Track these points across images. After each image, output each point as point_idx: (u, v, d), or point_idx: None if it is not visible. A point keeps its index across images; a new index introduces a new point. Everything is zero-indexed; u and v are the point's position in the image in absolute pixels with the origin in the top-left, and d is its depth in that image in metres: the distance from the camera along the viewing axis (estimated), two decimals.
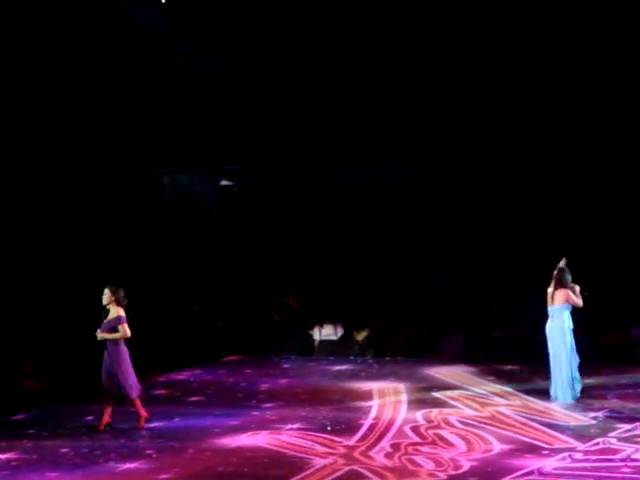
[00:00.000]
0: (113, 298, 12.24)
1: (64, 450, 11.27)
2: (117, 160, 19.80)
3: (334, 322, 20.64)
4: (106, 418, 12.31)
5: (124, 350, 12.33)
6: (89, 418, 12.96)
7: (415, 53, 18.21)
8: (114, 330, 12.19)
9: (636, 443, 11.01)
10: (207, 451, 11.21)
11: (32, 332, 17.38)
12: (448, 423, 12.36)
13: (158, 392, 15.62)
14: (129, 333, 12.26)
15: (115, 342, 12.19)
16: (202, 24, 17.64)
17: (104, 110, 18.51)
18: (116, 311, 12.23)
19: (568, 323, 13.48)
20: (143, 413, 12.50)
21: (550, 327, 13.56)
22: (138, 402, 12.48)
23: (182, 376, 17.16)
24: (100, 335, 12.21)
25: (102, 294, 12.34)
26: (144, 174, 20.83)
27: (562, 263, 13.60)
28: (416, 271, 20.88)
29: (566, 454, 10.65)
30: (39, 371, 16.40)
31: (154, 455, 11.03)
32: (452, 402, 13.78)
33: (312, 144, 20.27)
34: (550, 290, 13.58)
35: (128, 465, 10.53)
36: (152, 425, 12.67)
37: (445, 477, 9.94)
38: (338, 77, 18.73)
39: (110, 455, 11.07)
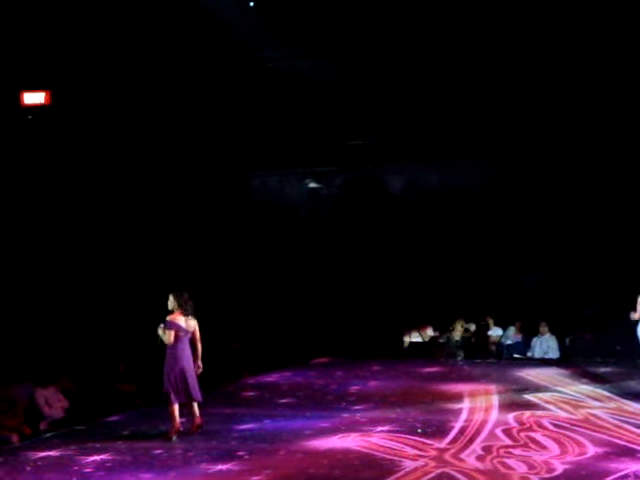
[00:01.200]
0: (175, 303, 12.23)
1: (157, 451, 11.39)
2: (208, 163, 19.99)
3: (423, 325, 20.59)
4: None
5: (170, 353, 12.10)
6: (181, 420, 13.07)
7: (485, 55, 18.15)
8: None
9: None
10: (298, 453, 11.22)
11: (125, 336, 17.64)
12: (541, 425, 12.20)
13: (248, 394, 15.74)
14: (167, 339, 12.01)
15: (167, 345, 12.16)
16: (289, 25, 17.70)
17: (196, 113, 18.69)
18: (171, 316, 12.18)
19: None
20: (174, 423, 12.15)
21: None
22: (171, 409, 12.15)
23: (271, 378, 17.26)
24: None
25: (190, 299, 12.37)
26: (235, 177, 21.00)
27: None
28: (507, 274, 20.69)
29: None
30: (132, 373, 16.65)
31: (246, 457, 11.09)
32: (545, 404, 13.62)
33: (395, 148, 20.23)
34: None
35: (220, 467, 10.59)
36: (243, 427, 12.75)
37: None
38: (415, 78, 18.69)
39: (203, 457, 11.15)
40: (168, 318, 12.11)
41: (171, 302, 12.18)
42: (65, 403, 14.87)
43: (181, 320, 12.15)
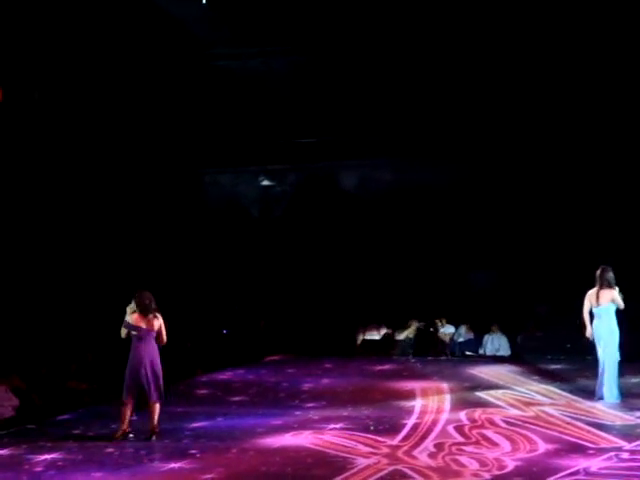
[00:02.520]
0: (133, 303, 12.08)
1: (109, 450, 11.32)
2: (161, 161, 19.89)
3: (377, 323, 20.66)
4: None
5: (130, 352, 12.04)
6: (133, 419, 13.00)
7: (437, 50, 18.22)
8: None
9: None
10: (250, 451, 11.21)
11: (77, 333, 17.52)
12: (492, 423, 12.29)
13: (201, 392, 15.70)
14: (121, 334, 12.05)
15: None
16: (242, 23, 17.66)
17: (149, 111, 18.60)
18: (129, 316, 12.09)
19: (615, 322, 13.36)
20: (121, 424, 11.97)
21: (597, 326, 13.43)
22: (121, 408, 12.03)
23: (224, 376, 17.23)
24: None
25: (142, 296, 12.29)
26: (187, 174, 20.92)
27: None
28: (459, 272, 20.82)
29: (612, 454, 10.53)
30: (84, 372, 16.53)
31: (198, 455, 11.05)
32: (496, 402, 13.72)
33: (349, 145, 20.26)
34: (594, 290, 13.44)
35: (172, 465, 10.55)
36: (196, 425, 12.71)
37: (489, 477, 9.86)
38: (369, 76, 18.74)
39: (155, 455, 11.10)
40: (126, 317, 12.03)
41: (132, 303, 12.08)
42: (15, 402, 14.72)
43: (138, 320, 11.98)
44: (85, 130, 18.16)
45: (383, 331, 20.40)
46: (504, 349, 19.35)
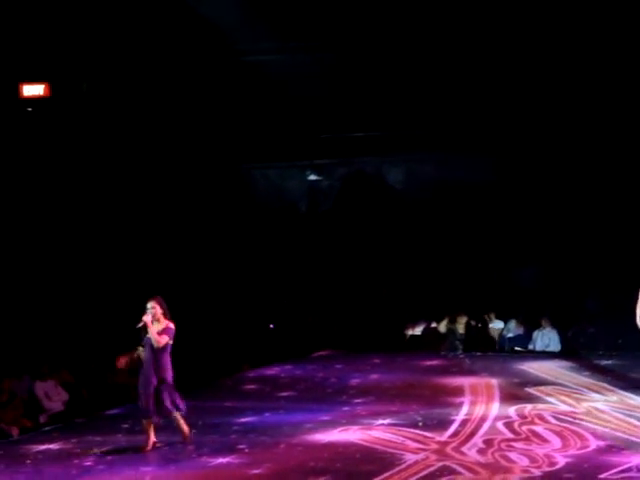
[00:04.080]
0: (163, 309, 11.27)
1: (157, 445, 11.34)
2: (209, 156, 19.95)
3: (425, 318, 20.56)
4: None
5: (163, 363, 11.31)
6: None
7: (485, 47, 18.09)
8: None
9: None
10: (299, 446, 11.19)
11: (126, 329, 17.60)
12: (542, 419, 12.16)
13: (248, 387, 15.71)
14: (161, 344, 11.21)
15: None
16: (284, 18, 17.63)
17: (196, 106, 18.65)
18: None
19: None
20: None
21: None
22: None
23: (272, 371, 17.23)
24: None
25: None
26: (235, 170, 20.95)
27: None
28: (508, 267, 20.63)
29: None
30: (132, 367, 16.62)
31: (246, 450, 11.06)
32: (546, 397, 13.57)
33: (395, 140, 20.18)
34: None
35: (221, 460, 10.56)
36: (244, 420, 12.72)
37: (540, 474, 9.75)
38: (416, 70, 18.64)
39: (203, 450, 11.12)
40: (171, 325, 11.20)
41: (159, 308, 11.20)
42: (65, 396, 14.86)
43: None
44: (133, 123, 18.24)
45: (431, 326, 20.29)
46: (554, 344, 19.14)
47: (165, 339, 11.04)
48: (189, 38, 17.72)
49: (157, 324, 11.10)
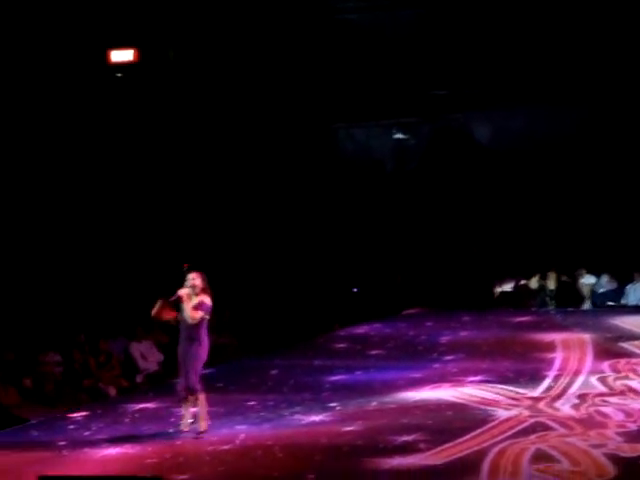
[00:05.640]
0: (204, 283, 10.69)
1: (251, 403, 11.50)
2: (295, 117, 19.97)
3: (514, 275, 20.42)
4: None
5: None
6: (273, 372, 13.19)
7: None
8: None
9: None
10: (390, 404, 11.24)
11: (217, 290, 17.81)
12: (637, 373, 12.02)
13: (339, 346, 15.80)
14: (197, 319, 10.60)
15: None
16: None
17: (280, 67, 18.66)
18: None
19: None
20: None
21: None
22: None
23: (362, 330, 17.29)
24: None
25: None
26: (321, 129, 20.94)
27: None
28: (599, 221, 20.32)
29: None
30: (223, 327, 16.84)
31: (338, 408, 11.14)
32: None
33: (482, 96, 19.91)
34: None
35: (313, 418, 10.66)
36: (335, 378, 12.81)
37: (635, 428, 9.66)
38: (500, 24, 18.33)
39: (295, 408, 11.23)
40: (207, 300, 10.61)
41: (200, 281, 10.64)
42: (159, 356, 15.12)
43: None
44: (219, 88, 18.33)
45: (521, 283, 20.14)
46: None
47: (199, 314, 10.48)
48: None
49: (195, 298, 10.56)
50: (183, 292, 10.56)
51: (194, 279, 10.60)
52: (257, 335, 16.63)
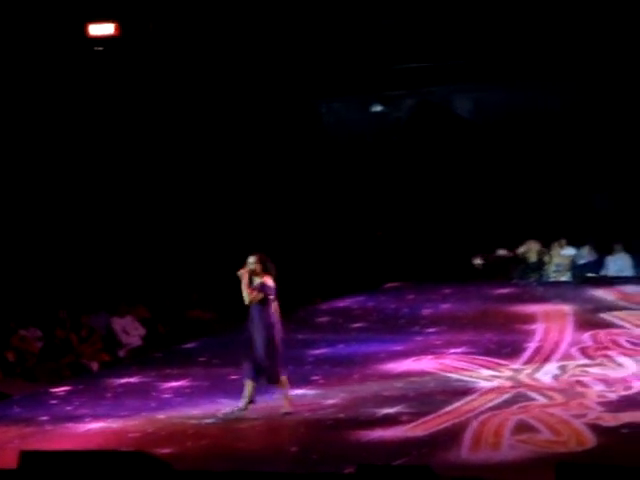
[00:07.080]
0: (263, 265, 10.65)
1: (234, 377, 11.49)
2: (276, 92, 19.90)
3: (495, 246, 20.45)
4: None
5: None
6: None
7: None
8: None
9: None
10: (372, 376, 11.29)
11: (198, 264, 17.81)
12: (617, 344, 12.09)
13: (321, 319, 15.82)
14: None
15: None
16: None
17: (261, 41, 18.58)
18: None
19: None
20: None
21: None
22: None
23: (344, 303, 17.30)
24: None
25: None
26: (303, 104, 20.89)
27: None
28: (579, 193, 20.38)
29: None
30: (206, 301, 16.85)
31: (321, 381, 11.18)
32: (621, 322, 13.47)
33: (463, 69, 19.88)
34: None
35: (296, 391, 10.67)
36: (317, 352, 12.84)
37: (615, 397, 9.74)
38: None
39: None
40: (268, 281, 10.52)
41: (259, 264, 10.54)
42: (142, 331, 15.13)
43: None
44: (200, 62, 18.25)
45: (501, 254, 20.17)
46: (628, 269, 18.93)
47: (254, 294, 10.40)
48: None
49: (256, 279, 10.47)
50: (241, 272, 10.41)
51: (256, 262, 10.44)
52: (239, 309, 16.62)
